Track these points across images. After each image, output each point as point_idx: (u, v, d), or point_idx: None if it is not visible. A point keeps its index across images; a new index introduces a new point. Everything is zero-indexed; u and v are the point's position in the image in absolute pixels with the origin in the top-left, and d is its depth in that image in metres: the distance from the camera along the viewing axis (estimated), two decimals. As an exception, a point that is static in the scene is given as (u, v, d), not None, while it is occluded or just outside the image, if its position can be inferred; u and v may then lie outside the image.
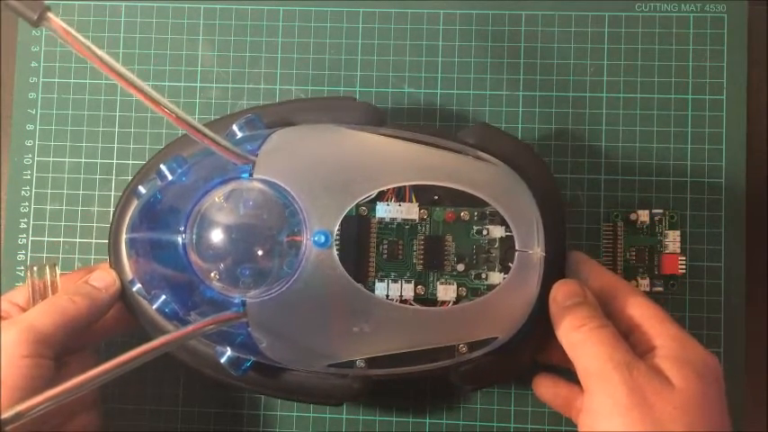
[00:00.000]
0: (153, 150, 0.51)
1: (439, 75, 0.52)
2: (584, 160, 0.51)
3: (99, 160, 0.53)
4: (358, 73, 0.52)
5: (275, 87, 0.52)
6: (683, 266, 0.49)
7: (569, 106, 0.51)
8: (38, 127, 0.53)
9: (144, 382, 0.51)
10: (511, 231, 0.42)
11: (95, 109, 0.53)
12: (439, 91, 0.52)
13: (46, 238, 0.52)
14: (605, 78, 0.52)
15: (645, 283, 0.49)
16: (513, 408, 0.50)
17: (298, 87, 0.52)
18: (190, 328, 0.39)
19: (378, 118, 0.45)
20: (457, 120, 0.52)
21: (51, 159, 0.53)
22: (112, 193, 0.52)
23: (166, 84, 0.53)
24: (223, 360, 0.44)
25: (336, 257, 0.40)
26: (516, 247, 0.42)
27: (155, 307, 0.42)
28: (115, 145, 0.53)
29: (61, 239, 0.52)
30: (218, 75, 0.53)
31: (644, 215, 0.50)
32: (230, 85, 0.53)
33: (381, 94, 0.52)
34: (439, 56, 0.52)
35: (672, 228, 0.50)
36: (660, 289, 0.50)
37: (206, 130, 0.39)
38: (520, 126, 0.51)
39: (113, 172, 0.52)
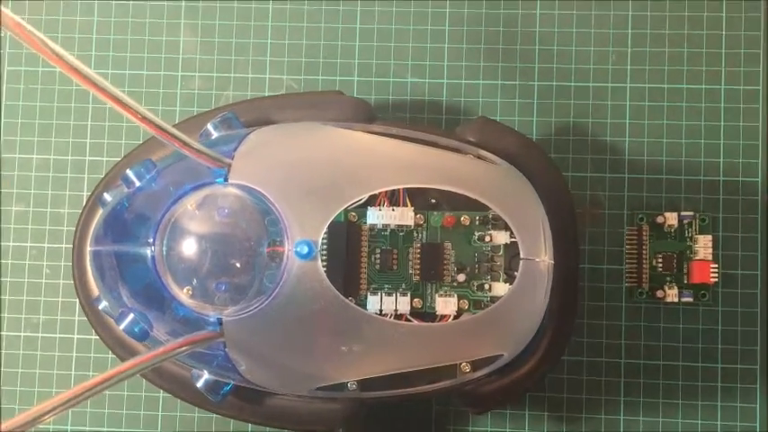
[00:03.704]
0: (130, 146, 0.51)
1: (445, 63, 0.53)
2: (605, 157, 0.52)
3: (70, 157, 0.53)
4: (356, 61, 0.53)
5: (264, 77, 0.53)
6: (716, 275, 0.50)
7: (589, 97, 0.52)
8: (2, 120, 0.54)
9: (120, 405, 0.52)
10: (515, 237, 0.43)
11: (66, 100, 0.54)
12: (445, 81, 0.53)
13: (11, 243, 0.53)
14: (629, 67, 0.52)
15: (672, 293, 0.50)
16: (526, 433, 0.50)
17: (289, 77, 0.53)
18: (161, 349, 0.39)
19: (367, 114, 0.46)
20: (465, 113, 0.52)
21: (17, 156, 0.54)
22: (84, 192, 0.53)
23: (144, 72, 0.54)
24: (200, 384, 0.44)
25: (322, 269, 0.41)
26: (522, 255, 0.42)
27: (122, 327, 0.42)
28: (88, 140, 0.53)
29: (28, 245, 0.53)
30: (202, 63, 0.53)
31: (672, 218, 0.50)
32: (215, 74, 0.53)
33: (381, 84, 0.53)
34: (445, 41, 0.53)
35: (702, 232, 0.50)
36: (690, 300, 0.50)
37: (175, 131, 0.39)
38: (534, 119, 0.52)
39: (86, 170, 0.53)
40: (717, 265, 0.50)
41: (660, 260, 0.50)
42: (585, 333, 0.51)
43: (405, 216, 0.44)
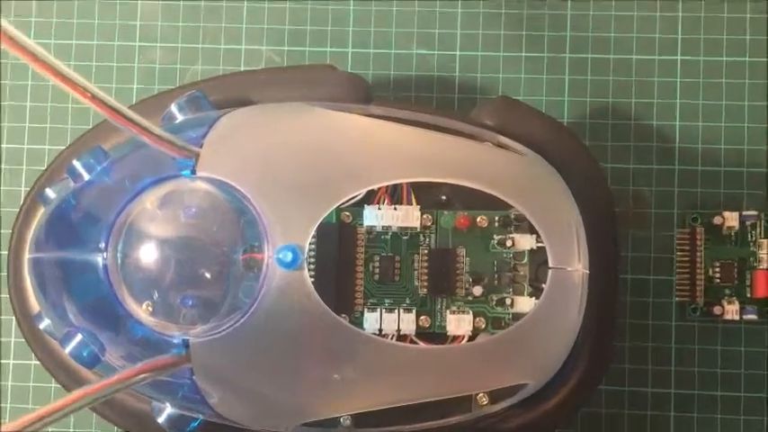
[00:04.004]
0: (78, 131, 0.51)
1: (458, 31, 0.53)
2: (651, 145, 0.52)
3: (4, 145, 0.54)
4: (350, 28, 0.53)
5: (239, 47, 0.53)
6: (785, 287, 0.50)
7: (632, 73, 0.52)
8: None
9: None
10: (543, 242, 0.43)
11: (-3, 78, 0.53)
12: (458, 53, 0.53)
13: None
14: (680, 36, 0.52)
15: (733, 309, 0.50)
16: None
17: (270, 48, 0.53)
18: (115, 377, 0.39)
19: (364, 93, 0.46)
20: (482, 91, 0.53)
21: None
22: (22, 188, 0.53)
23: (95, 43, 0.54)
24: (162, 420, 0.44)
25: (309, 281, 0.41)
26: (550, 263, 0.43)
27: (68, 350, 0.42)
28: (26, 124, 0.54)
29: (-45, 252, 0.53)
30: (164, 31, 0.54)
31: (732, 219, 0.50)
32: (180, 45, 0.54)
33: (381, 56, 0.53)
34: (458, 6, 0.53)
35: (769, 235, 0.50)
36: (754, 317, 0.50)
37: (131, 114, 0.39)
38: (566, 99, 0.52)
39: (24, 160, 0.54)
40: (786, 276, 0.50)
41: (718, 270, 0.50)
42: (627, 358, 0.51)
43: (409, 216, 0.44)
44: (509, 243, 0.44)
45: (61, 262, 0.44)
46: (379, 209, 0.44)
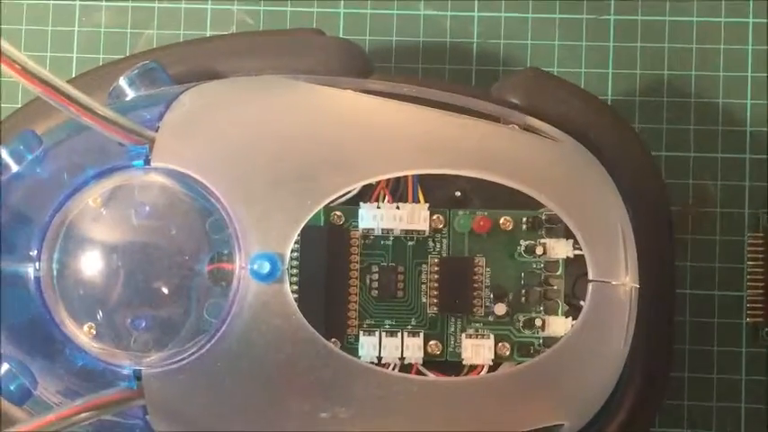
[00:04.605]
0: (4, 112, 0.52)
1: (476, -13, 0.53)
2: (716, 129, 0.52)
3: None
4: (342, -16, 0.53)
5: (205, 7, 0.54)
6: None
7: (692, 39, 0.52)
8: None
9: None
10: (581, 249, 0.42)
11: None
12: (476, 14, 0.53)
13: None
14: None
15: (818, 332, 0.50)
16: None
17: (242, 7, 0.53)
18: (50, 416, 0.39)
19: (360, 64, 0.46)
20: (506, 62, 0.53)
21: None
22: None
23: (24, 2, 0.54)
24: None
25: (291, 297, 0.41)
26: (591, 276, 0.42)
27: None
28: None
29: None
30: None
31: (816, 219, 0.50)
32: (130, 4, 0.54)
33: (381, 18, 0.53)
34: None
35: None
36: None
37: (70, 90, 0.39)
38: (610, 72, 0.52)
39: None
40: None
41: (799, 283, 0.50)
42: (687, 393, 0.51)
43: (416, 217, 0.44)
44: (539, 250, 0.44)
45: (-19, 273, 0.43)
46: (378, 208, 0.44)
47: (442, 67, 0.52)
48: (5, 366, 0.42)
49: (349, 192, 0.43)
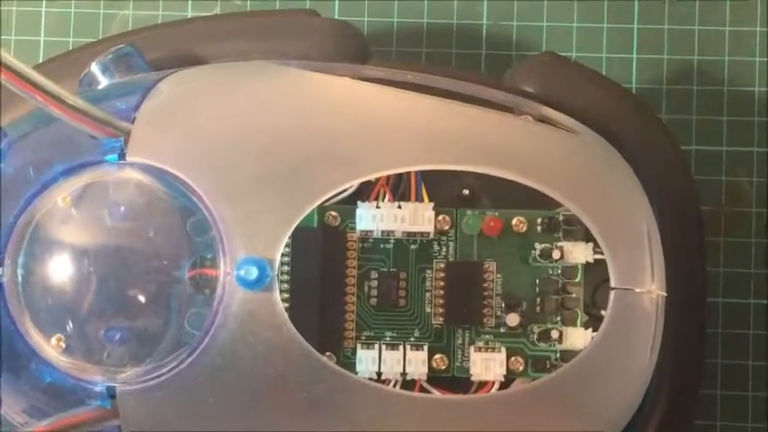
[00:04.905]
0: None
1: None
2: (751, 120, 0.52)
3: None
4: (340, -37, 0.53)
5: None
6: None
7: (725, 21, 0.52)
8: None
9: None
10: (602, 253, 0.42)
11: None
12: (486, -6, 0.53)
13: None
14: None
15: None
16: None
17: (230, -11, 0.54)
18: None
19: (358, 48, 0.46)
20: (519, 46, 0.53)
21: None
22: None
23: None
24: None
25: (281, 306, 0.41)
26: (613, 283, 0.42)
27: None
28: None
29: None
30: None
31: None
32: (104, -18, 0.54)
33: None
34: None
35: None
36: None
37: (37, 77, 0.39)
38: (634, 57, 0.52)
39: None
40: None
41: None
42: (719, 412, 0.51)
43: (419, 217, 0.43)
44: (556, 254, 0.44)
45: (-61, 280, 0.43)
46: (378, 207, 0.44)
47: (449, 52, 0.52)
48: (-35, 383, 0.42)
49: (345, 189, 0.43)
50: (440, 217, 0.44)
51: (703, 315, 0.45)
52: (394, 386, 0.43)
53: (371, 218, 0.43)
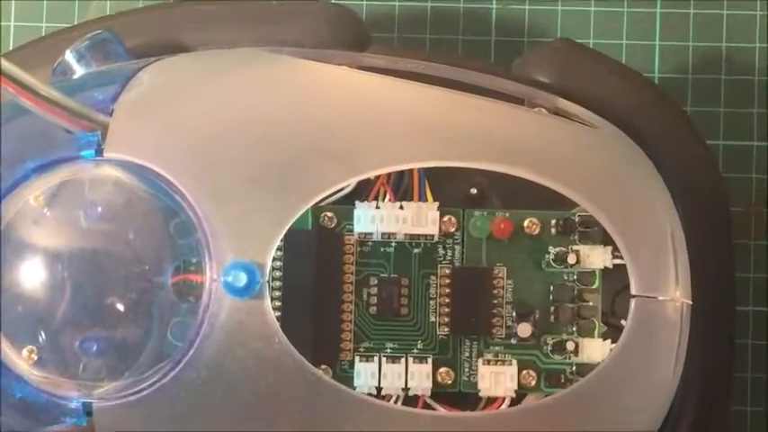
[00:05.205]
0: None
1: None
2: None
3: None
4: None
5: None
6: None
7: (755, 5, 0.52)
8: None
9: None
10: (622, 258, 0.42)
11: None
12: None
13: None
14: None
15: None
16: None
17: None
18: None
19: (356, 34, 0.46)
20: (532, 32, 0.53)
21: None
22: None
23: None
24: None
25: (273, 315, 0.41)
26: (634, 290, 0.42)
27: None
28: None
29: None
30: None
31: None
32: (79, -38, 0.54)
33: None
34: None
35: None
36: None
37: (6, 65, 0.38)
38: (657, 44, 0.52)
39: None
40: None
41: None
42: (749, 429, 0.51)
43: (423, 218, 0.44)
44: (572, 259, 0.44)
45: None
46: (378, 208, 0.44)
47: (455, 38, 0.52)
48: (-71, 398, 0.42)
49: (342, 188, 0.43)
50: (445, 218, 0.44)
51: (732, 325, 0.45)
52: (395, 402, 0.43)
53: (371, 219, 0.43)
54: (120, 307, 0.41)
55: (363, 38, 0.46)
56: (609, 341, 0.43)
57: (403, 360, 0.44)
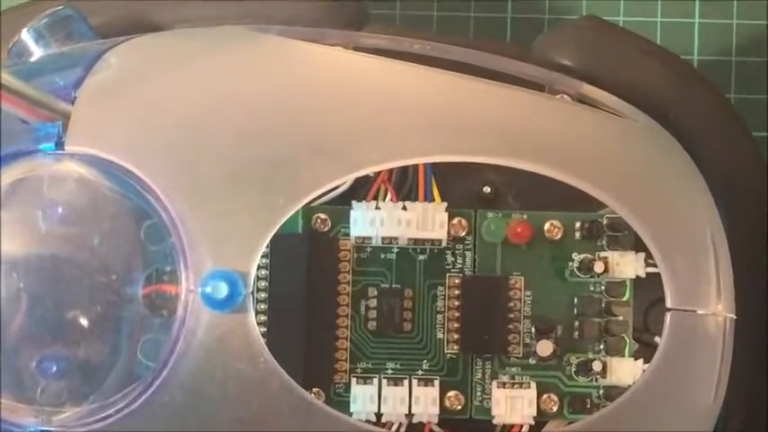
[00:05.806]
0: None
1: None
2: None
3: None
4: None
5: None
6: None
7: None
8: None
9: None
10: (656, 266, 0.43)
11: None
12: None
13: None
14: None
15: None
16: None
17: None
18: None
19: (352, 12, 0.47)
20: (553, 9, 0.54)
21: None
22: None
23: None
24: None
25: (257, 331, 0.41)
26: (670, 303, 0.42)
27: None
28: None
29: None
30: None
31: None
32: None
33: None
34: None
35: None
36: None
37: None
38: (696, 21, 0.53)
39: None
40: None
41: None
42: None
43: (429, 221, 0.44)
44: (599, 267, 0.44)
45: None
46: (378, 208, 0.44)
47: (466, 16, 0.52)
48: None
49: (337, 186, 0.43)
50: (454, 220, 0.45)
51: (779, 341, 0.45)
52: (397, 430, 0.44)
53: (369, 221, 0.44)
54: (84, 322, 0.42)
55: (361, 14, 0.47)
56: (641, 361, 0.44)
57: (406, 382, 0.44)
